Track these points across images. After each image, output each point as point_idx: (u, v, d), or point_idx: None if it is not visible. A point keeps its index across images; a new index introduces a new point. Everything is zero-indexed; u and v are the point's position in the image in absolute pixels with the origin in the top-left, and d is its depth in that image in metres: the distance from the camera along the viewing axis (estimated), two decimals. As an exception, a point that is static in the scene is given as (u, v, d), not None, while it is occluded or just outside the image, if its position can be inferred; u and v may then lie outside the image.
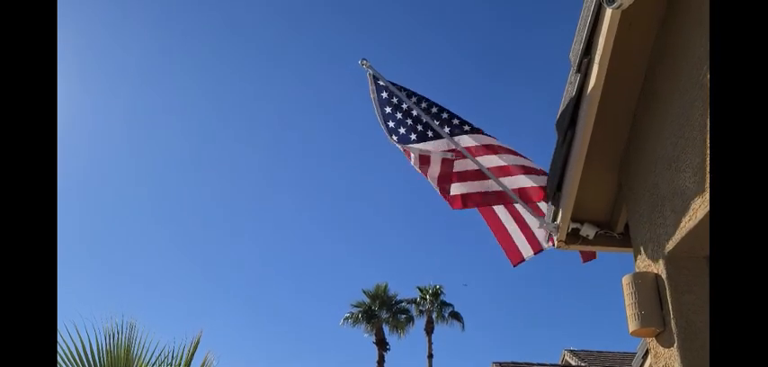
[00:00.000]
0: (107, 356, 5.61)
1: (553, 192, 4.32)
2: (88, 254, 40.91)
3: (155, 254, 42.69)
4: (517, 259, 5.10)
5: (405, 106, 5.32)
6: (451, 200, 5.08)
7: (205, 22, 37.97)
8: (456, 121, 5.21)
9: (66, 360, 5.52)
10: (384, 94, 5.37)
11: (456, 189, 5.07)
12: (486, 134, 5.16)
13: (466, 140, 5.10)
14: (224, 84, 40.82)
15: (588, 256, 4.82)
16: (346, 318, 32.03)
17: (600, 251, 4.50)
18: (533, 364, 12.13)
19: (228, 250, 43.67)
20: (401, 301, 32.64)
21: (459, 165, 5.06)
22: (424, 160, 5.12)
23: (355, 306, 32.10)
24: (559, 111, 4.12)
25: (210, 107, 40.45)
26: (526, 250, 5.07)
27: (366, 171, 44.68)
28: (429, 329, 31.61)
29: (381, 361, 31.35)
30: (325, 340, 42.27)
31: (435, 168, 5.10)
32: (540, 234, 4.95)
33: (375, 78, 5.45)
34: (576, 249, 4.46)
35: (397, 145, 5.21)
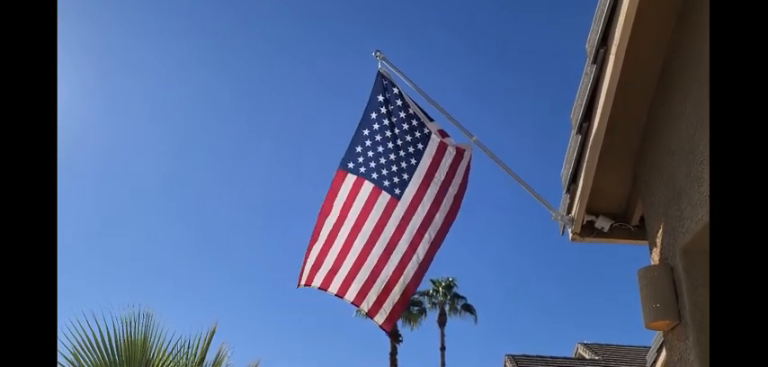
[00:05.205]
0: (124, 344, 5.71)
1: (568, 184, 4.30)
2: (106, 244, 41.39)
3: (172, 245, 43.06)
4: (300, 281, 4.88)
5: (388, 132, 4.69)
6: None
7: (214, 18, 38.16)
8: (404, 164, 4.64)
9: (84, 347, 5.63)
10: (376, 106, 4.74)
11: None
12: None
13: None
14: (239, 76, 41.01)
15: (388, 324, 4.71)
16: (359, 310, 32.15)
17: (615, 244, 4.49)
18: (546, 357, 12.11)
19: (244, 241, 43.95)
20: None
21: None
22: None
23: (368, 297, 32.19)
24: (575, 102, 4.10)
25: (225, 99, 40.64)
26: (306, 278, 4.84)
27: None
28: (442, 321, 31.57)
29: (394, 352, 31.40)
30: (338, 331, 42.46)
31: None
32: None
33: (381, 87, 4.80)
34: (590, 241, 4.45)
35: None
